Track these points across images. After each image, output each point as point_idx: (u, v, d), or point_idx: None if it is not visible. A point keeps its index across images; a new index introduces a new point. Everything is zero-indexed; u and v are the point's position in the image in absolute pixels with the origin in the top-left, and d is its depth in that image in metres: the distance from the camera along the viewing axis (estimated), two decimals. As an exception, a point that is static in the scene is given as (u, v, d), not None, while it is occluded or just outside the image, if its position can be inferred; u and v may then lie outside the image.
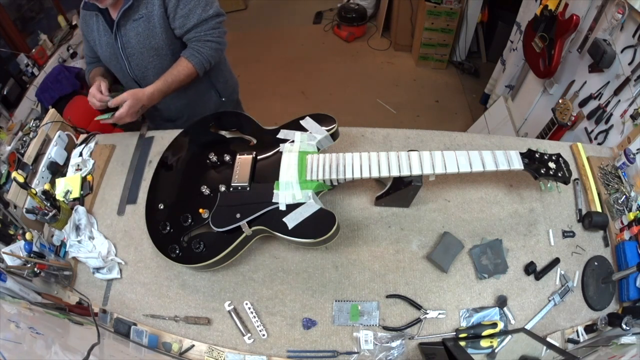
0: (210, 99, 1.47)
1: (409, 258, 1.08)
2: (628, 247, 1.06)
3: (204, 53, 1.23)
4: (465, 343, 0.95)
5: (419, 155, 0.97)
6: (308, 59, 3.65)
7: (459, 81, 3.44)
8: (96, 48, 1.28)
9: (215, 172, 1.06)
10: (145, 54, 1.23)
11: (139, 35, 1.18)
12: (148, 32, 1.18)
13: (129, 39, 1.19)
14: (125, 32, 1.18)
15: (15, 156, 1.25)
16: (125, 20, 1.16)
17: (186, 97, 1.39)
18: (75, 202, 1.19)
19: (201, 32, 1.21)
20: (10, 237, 1.08)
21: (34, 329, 0.84)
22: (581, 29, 1.67)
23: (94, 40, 1.26)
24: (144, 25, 1.17)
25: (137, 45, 1.20)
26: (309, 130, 1.06)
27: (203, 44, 1.23)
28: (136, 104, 1.15)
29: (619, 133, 1.42)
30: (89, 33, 1.26)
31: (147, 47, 1.21)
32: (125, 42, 1.20)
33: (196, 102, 1.43)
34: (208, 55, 1.24)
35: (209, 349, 0.98)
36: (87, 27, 1.26)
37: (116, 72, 1.33)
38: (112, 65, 1.29)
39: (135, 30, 1.18)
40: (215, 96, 1.47)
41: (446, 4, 3.06)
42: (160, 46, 1.22)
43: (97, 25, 1.22)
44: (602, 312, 1.03)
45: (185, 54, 1.23)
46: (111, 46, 1.22)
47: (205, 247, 0.96)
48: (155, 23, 1.17)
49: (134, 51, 1.22)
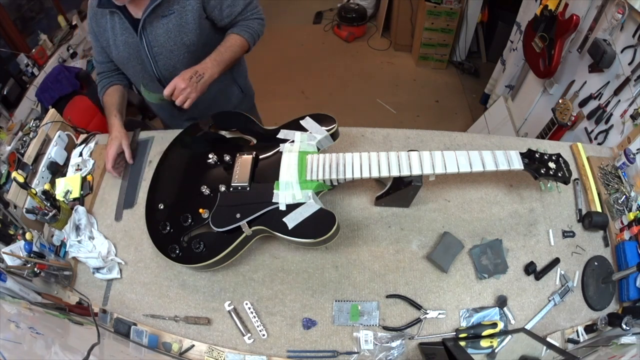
0: (233, 94, 1.45)
1: (409, 258, 1.08)
2: (628, 247, 1.06)
3: (253, 28, 1.24)
4: (465, 343, 0.95)
5: (419, 155, 0.97)
6: (308, 59, 3.65)
7: (459, 81, 3.44)
8: (109, 49, 1.20)
9: (215, 172, 1.06)
10: (176, 51, 1.17)
11: (169, 32, 1.13)
12: (180, 27, 1.13)
13: (157, 36, 1.13)
14: (152, 30, 1.12)
15: (15, 156, 1.25)
16: (153, 17, 1.10)
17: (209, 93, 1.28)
18: (75, 202, 1.19)
19: (247, 13, 1.23)
20: (10, 237, 1.08)
21: (34, 329, 0.84)
22: (581, 29, 1.67)
23: (107, 40, 1.17)
24: (176, 21, 1.12)
25: (167, 43, 1.14)
26: (309, 130, 1.06)
27: (251, 21, 1.24)
28: (184, 72, 1.10)
29: (619, 133, 1.42)
30: (101, 33, 1.18)
31: (178, 43, 1.15)
32: (152, 41, 1.14)
33: (220, 99, 1.41)
34: (257, 30, 1.26)
35: (209, 349, 0.98)
36: (99, 27, 1.17)
37: (133, 74, 1.26)
38: (129, 66, 1.22)
39: (164, 27, 1.12)
40: (238, 91, 1.46)
41: (446, 4, 3.06)
42: (192, 42, 1.17)
43: (112, 24, 1.14)
44: (602, 312, 1.03)
45: (235, 30, 1.23)
46: (131, 46, 1.15)
47: (205, 247, 0.96)
48: (188, 18, 1.12)
49: (162, 49, 1.16)
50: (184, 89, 1.09)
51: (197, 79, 1.11)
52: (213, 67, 1.15)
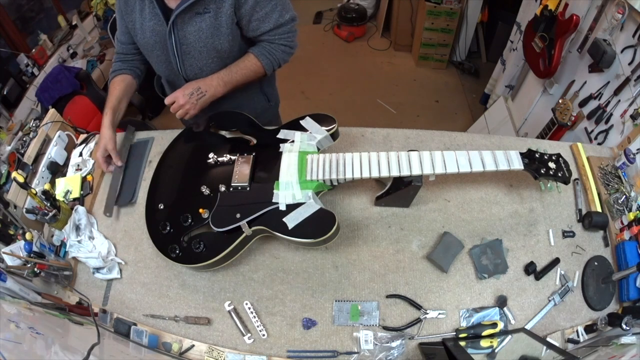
0: (259, 103, 1.40)
1: (409, 258, 1.08)
2: (628, 247, 1.06)
3: (275, 55, 1.17)
4: (465, 343, 0.95)
5: (419, 155, 0.97)
6: (308, 59, 3.65)
7: (459, 81, 3.44)
8: (135, 32, 1.12)
9: (215, 172, 1.06)
10: (205, 53, 1.12)
11: (200, 32, 1.06)
12: (213, 30, 1.07)
13: (187, 34, 1.07)
14: (184, 26, 1.06)
15: (15, 156, 1.25)
16: (187, 11, 1.03)
17: (235, 100, 1.29)
18: (75, 202, 1.19)
19: (275, 36, 1.15)
20: (10, 237, 1.08)
21: (34, 329, 0.84)
22: (581, 29, 1.67)
23: (133, 22, 1.11)
24: (210, 22, 1.05)
25: (197, 43, 1.08)
26: (309, 130, 1.06)
27: (276, 46, 1.16)
28: (186, 86, 1.07)
29: (619, 133, 1.42)
30: (128, 13, 1.11)
31: (208, 46, 1.10)
32: (181, 37, 1.08)
33: (245, 106, 1.34)
34: (279, 58, 1.18)
35: (209, 349, 0.98)
36: (127, 6, 1.10)
37: (157, 63, 1.19)
38: (153, 54, 1.16)
39: (197, 25, 1.05)
40: (264, 100, 1.41)
41: (446, 4, 3.06)
42: (223, 48, 1.11)
43: (141, 6, 1.07)
44: (602, 312, 1.03)
45: (255, 51, 1.15)
46: (159, 34, 1.09)
47: (205, 247, 0.96)
48: (222, 22, 1.06)
49: (191, 49, 1.10)
50: (182, 106, 1.09)
51: (198, 97, 1.10)
52: (218, 86, 1.12)
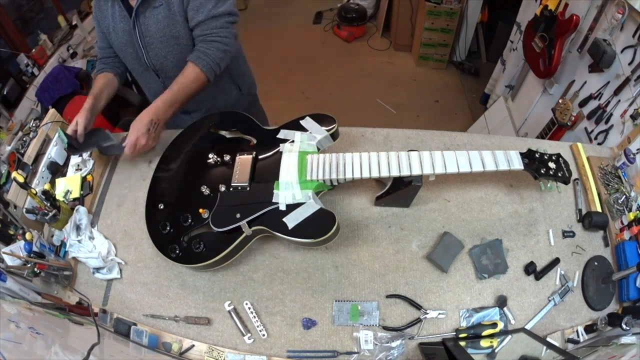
0: (231, 92, 1.45)
1: (409, 258, 1.08)
2: (628, 247, 1.06)
3: (210, 55, 1.16)
4: (465, 343, 0.95)
5: (419, 155, 0.97)
6: (308, 59, 3.65)
7: (459, 81, 3.44)
8: (110, 36, 1.23)
9: (215, 172, 1.06)
10: (165, 42, 1.19)
11: (158, 23, 1.15)
12: (168, 20, 1.15)
13: (148, 27, 1.16)
14: (145, 20, 1.15)
15: (15, 156, 1.25)
16: (145, 7, 1.13)
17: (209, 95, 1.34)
18: (76, 202, 1.19)
19: (207, 30, 1.16)
20: (10, 237, 1.08)
21: (34, 329, 0.84)
22: (581, 29, 1.67)
23: (107, 27, 1.22)
24: (164, 13, 1.14)
25: (157, 34, 1.17)
26: (309, 130, 1.06)
27: (208, 44, 1.17)
28: (140, 124, 1.12)
29: (619, 133, 1.42)
30: (103, 19, 1.22)
31: (167, 35, 1.17)
32: (144, 30, 1.17)
33: (215, 95, 1.40)
34: (215, 57, 1.17)
35: (209, 349, 0.98)
36: (101, 14, 1.21)
37: (130, 61, 1.28)
38: (127, 53, 1.25)
39: (154, 18, 1.14)
40: (235, 89, 1.45)
41: (446, 4, 3.07)
42: (180, 35, 1.19)
43: (112, 11, 1.18)
44: (602, 312, 1.03)
45: (192, 57, 1.16)
46: (128, 33, 1.19)
47: (205, 247, 0.96)
48: (175, 11, 1.14)
49: (153, 40, 1.18)
50: (145, 145, 1.14)
51: (154, 128, 1.15)
52: (166, 110, 1.16)
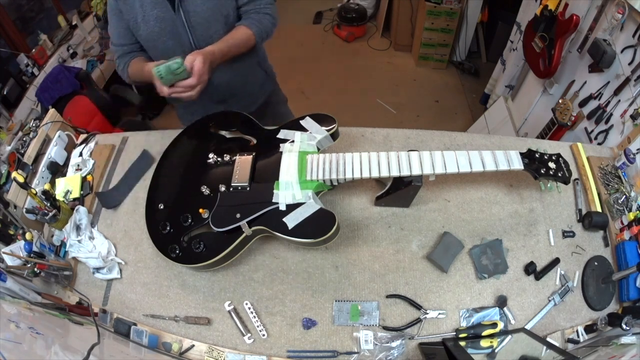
0: (260, 75, 1.47)
1: (409, 258, 1.08)
2: (628, 247, 1.06)
3: (264, 24, 1.23)
4: (465, 343, 0.95)
5: (419, 155, 0.97)
6: (308, 59, 3.65)
7: (459, 81, 3.44)
8: (137, 27, 1.15)
9: (215, 172, 1.06)
10: (214, 23, 1.18)
11: (208, 2, 1.14)
12: None
13: (195, 7, 1.13)
14: (191, 1, 1.12)
15: (15, 156, 1.25)
16: None
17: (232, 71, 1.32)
18: (76, 202, 1.19)
19: (260, 5, 1.22)
20: (10, 237, 1.08)
21: (34, 329, 0.84)
22: (581, 29, 1.67)
23: (134, 18, 1.14)
24: None
25: (206, 13, 1.15)
26: (309, 130, 1.06)
27: (262, 16, 1.23)
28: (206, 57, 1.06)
29: (619, 133, 1.42)
30: (128, 11, 1.14)
31: (216, 13, 1.17)
32: (190, 11, 1.14)
33: (245, 78, 1.41)
34: (267, 27, 1.24)
35: (209, 349, 0.98)
36: (126, 4, 1.13)
37: (163, 50, 1.20)
38: (159, 42, 1.18)
39: None
40: (262, 72, 1.47)
41: (446, 4, 3.07)
42: (229, 13, 1.19)
43: (140, 1, 1.11)
44: (602, 312, 1.03)
45: (245, 22, 1.21)
46: (164, 20, 1.13)
47: (205, 247, 0.96)
48: None
49: (201, 20, 1.16)
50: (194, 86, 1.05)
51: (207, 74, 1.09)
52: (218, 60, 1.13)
